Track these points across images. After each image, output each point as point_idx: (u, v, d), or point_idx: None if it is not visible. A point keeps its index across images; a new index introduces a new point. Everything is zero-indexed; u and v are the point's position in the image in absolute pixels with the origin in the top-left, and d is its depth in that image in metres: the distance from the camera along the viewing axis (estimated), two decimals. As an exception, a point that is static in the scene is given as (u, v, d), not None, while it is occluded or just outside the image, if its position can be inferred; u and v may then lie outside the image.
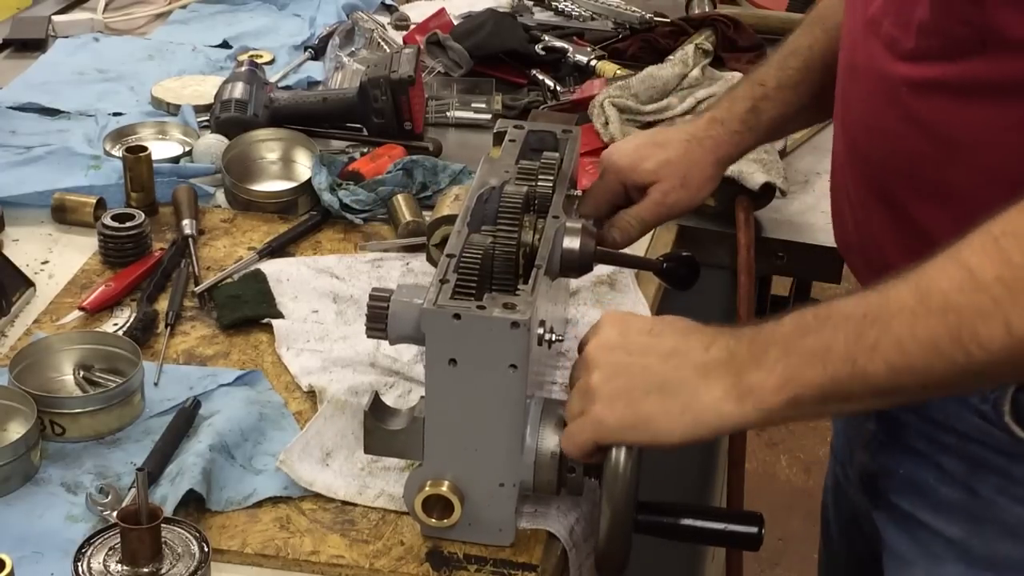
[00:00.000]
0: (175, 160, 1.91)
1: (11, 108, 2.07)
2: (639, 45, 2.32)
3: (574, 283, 1.58)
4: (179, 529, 1.15)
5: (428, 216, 1.71)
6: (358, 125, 2.00)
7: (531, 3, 2.57)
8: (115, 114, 2.07)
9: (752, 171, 1.79)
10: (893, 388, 1.02)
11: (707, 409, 1.07)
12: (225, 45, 2.36)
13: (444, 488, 1.19)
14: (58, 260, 1.68)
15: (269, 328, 1.53)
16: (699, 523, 1.22)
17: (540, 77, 2.21)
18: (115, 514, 1.16)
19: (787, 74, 1.52)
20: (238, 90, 1.98)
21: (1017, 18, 1.08)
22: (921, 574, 1.32)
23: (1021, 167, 1.12)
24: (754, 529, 1.21)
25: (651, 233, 1.76)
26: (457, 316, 1.13)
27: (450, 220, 1.46)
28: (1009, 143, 1.12)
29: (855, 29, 1.29)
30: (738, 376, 1.06)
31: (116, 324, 1.53)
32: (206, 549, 1.13)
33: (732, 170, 1.70)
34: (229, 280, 1.62)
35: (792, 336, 1.05)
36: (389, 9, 2.56)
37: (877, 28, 1.23)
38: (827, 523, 1.64)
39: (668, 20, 2.41)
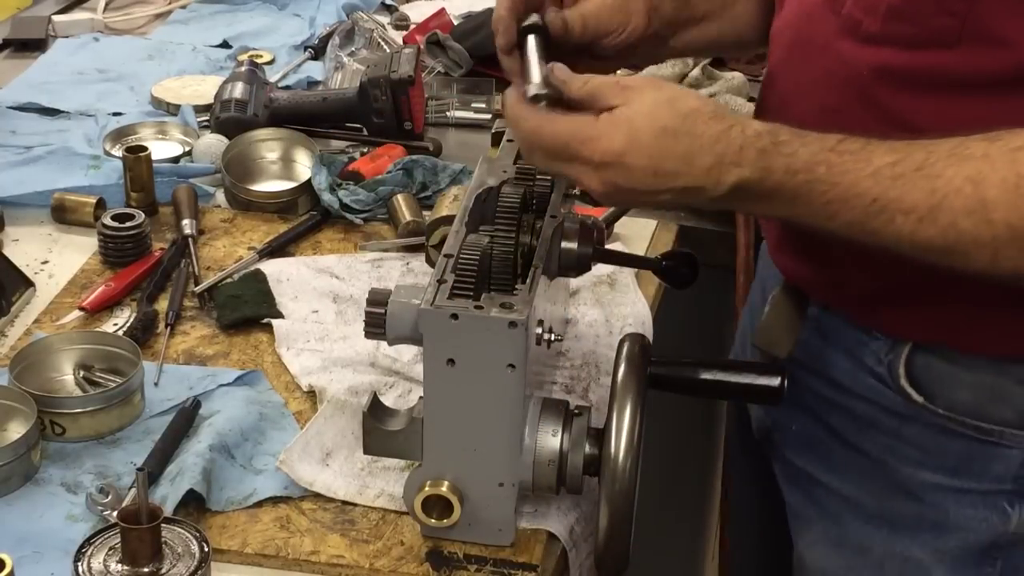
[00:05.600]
0: (175, 160, 1.91)
1: (11, 108, 2.07)
2: (639, 45, 2.31)
3: (574, 283, 1.58)
4: (179, 529, 1.15)
5: (428, 216, 1.71)
6: (358, 125, 2.00)
7: (531, 3, 2.56)
8: (115, 114, 2.07)
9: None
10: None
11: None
12: (225, 45, 2.36)
13: (444, 488, 1.19)
14: (58, 260, 1.68)
15: (269, 328, 1.53)
16: (719, 376, 1.21)
17: (540, 77, 2.20)
18: (115, 514, 1.16)
19: None
20: (238, 90, 1.98)
21: (1003, 12, 1.08)
22: (820, 531, 1.34)
23: None
24: (775, 381, 1.20)
25: (651, 233, 1.77)
26: (455, 316, 1.13)
27: (449, 220, 1.46)
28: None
29: (807, 1, 1.24)
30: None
31: (116, 324, 1.53)
32: (206, 549, 1.14)
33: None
34: (229, 280, 1.62)
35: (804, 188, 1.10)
36: (389, 9, 2.56)
37: (837, 5, 1.19)
38: (732, 476, 1.62)
39: (668, 19, 2.41)
